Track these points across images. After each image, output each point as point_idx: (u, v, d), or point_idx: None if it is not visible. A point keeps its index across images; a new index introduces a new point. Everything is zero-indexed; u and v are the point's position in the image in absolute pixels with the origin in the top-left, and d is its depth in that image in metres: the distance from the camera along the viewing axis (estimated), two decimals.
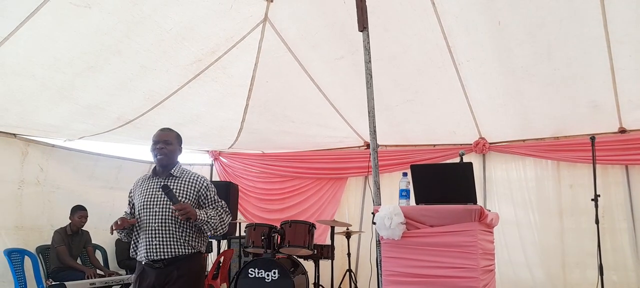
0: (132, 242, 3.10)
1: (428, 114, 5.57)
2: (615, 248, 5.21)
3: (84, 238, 5.73)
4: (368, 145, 6.43)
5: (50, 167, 5.92)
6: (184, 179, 3.08)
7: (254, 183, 7.34)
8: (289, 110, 5.85)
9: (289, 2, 4.24)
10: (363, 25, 3.37)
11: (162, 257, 2.94)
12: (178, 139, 3.19)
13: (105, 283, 5.41)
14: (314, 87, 5.27)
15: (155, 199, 2.99)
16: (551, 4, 3.75)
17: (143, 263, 3.01)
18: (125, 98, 4.97)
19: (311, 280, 5.58)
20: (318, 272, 5.57)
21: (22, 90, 4.48)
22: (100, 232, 6.29)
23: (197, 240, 3.05)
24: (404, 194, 3.21)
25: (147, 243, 2.95)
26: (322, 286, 5.57)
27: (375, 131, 3.37)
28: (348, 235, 5.76)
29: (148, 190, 3.05)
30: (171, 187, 2.98)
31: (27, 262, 5.35)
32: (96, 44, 4.06)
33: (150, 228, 2.96)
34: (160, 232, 2.95)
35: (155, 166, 3.14)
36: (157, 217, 2.96)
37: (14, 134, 5.56)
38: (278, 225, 5.52)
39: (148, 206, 3.00)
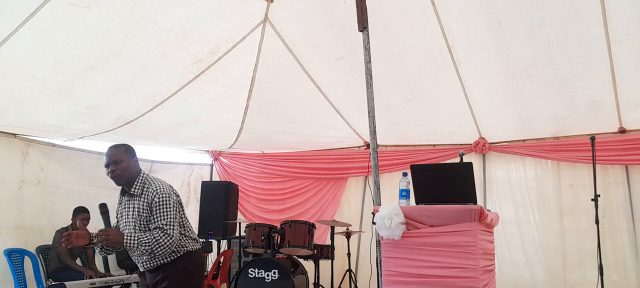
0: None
1: (428, 114, 5.57)
2: (615, 248, 5.21)
3: None
4: (368, 145, 6.44)
5: (51, 167, 5.92)
6: (143, 195, 3.00)
7: (254, 184, 7.34)
8: (289, 110, 5.85)
9: (289, 2, 4.24)
10: (363, 25, 3.38)
11: (149, 267, 3.05)
12: (128, 151, 3.07)
13: (105, 283, 5.41)
14: (314, 87, 5.27)
15: (128, 218, 3.05)
16: (551, 4, 3.75)
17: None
18: (125, 98, 4.97)
19: (311, 280, 5.58)
20: (318, 272, 5.57)
21: (22, 90, 4.48)
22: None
23: (177, 245, 3.02)
24: (404, 194, 3.21)
25: (138, 255, 3.05)
26: (322, 286, 5.57)
27: (375, 131, 3.37)
28: (348, 235, 5.76)
29: (122, 207, 3.12)
30: (129, 205, 3.03)
31: (27, 262, 5.35)
32: (96, 45, 4.06)
33: None
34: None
35: None
36: (132, 233, 2.97)
37: (14, 134, 5.56)
38: (278, 225, 5.52)
39: (125, 222, 3.07)
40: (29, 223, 5.65)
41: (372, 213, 3.13)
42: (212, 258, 6.82)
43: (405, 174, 3.26)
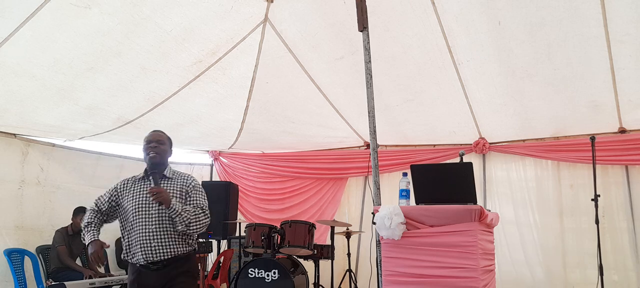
0: (124, 246, 3.09)
1: (428, 114, 5.58)
2: (615, 248, 5.22)
3: None
4: (368, 145, 6.44)
5: (51, 167, 5.92)
6: (175, 179, 3.13)
7: (254, 184, 7.34)
8: (289, 110, 5.85)
9: (289, 2, 4.24)
10: (363, 25, 3.38)
11: (162, 257, 2.97)
12: (169, 141, 3.24)
13: (105, 283, 5.42)
14: (314, 88, 5.27)
15: (151, 201, 3.00)
16: (551, 4, 3.75)
17: (139, 265, 3.00)
18: (125, 99, 4.97)
19: (311, 280, 5.58)
20: (318, 272, 5.57)
21: (22, 90, 4.48)
22: (101, 232, 6.27)
23: (192, 238, 3.11)
24: (404, 194, 3.21)
25: (145, 245, 2.96)
26: (322, 286, 5.57)
27: (375, 131, 3.37)
28: (348, 235, 5.76)
29: (141, 192, 3.06)
30: (161, 184, 3.04)
31: (27, 262, 5.35)
32: (96, 45, 4.06)
33: (146, 230, 2.97)
34: (158, 233, 2.97)
35: (147, 168, 3.15)
36: (153, 219, 2.98)
37: (14, 134, 5.56)
38: (278, 225, 5.52)
39: (143, 209, 3.00)
40: (29, 223, 5.66)
41: (372, 213, 3.13)
42: (212, 258, 6.82)
43: (405, 174, 3.26)
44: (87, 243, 3.00)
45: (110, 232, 6.45)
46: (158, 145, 3.11)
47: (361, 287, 6.14)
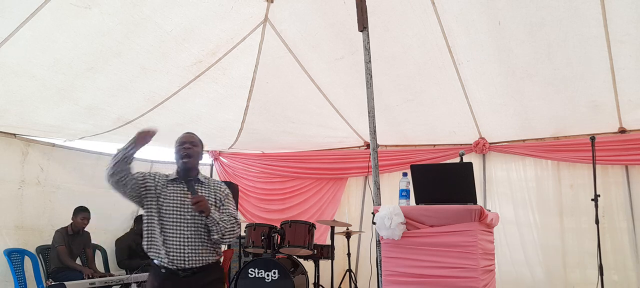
0: (147, 243, 2.95)
1: (428, 114, 5.58)
2: (615, 248, 5.21)
3: (84, 239, 5.74)
4: (368, 145, 6.44)
5: (51, 167, 5.92)
6: (209, 185, 3.08)
7: (254, 184, 7.34)
8: (289, 110, 5.85)
9: (289, 2, 4.24)
10: (363, 25, 3.38)
11: (193, 265, 2.87)
12: (201, 143, 3.17)
13: (105, 283, 5.42)
14: (314, 88, 5.27)
15: (187, 206, 2.91)
16: (551, 4, 3.75)
17: (165, 270, 2.87)
18: (125, 99, 4.97)
19: (311, 280, 5.58)
20: (318, 272, 5.57)
21: (22, 90, 4.48)
22: (101, 232, 6.30)
23: (219, 247, 3.09)
24: (404, 194, 3.21)
25: (177, 251, 2.85)
26: (322, 286, 5.57)
27: (375, 131, 3.37)
28: (348, 235, 5.76)
29: (176, 195, 2.96)
30: (196, 192, 2.94)
31: (27, 262, 5.35)
32: (96, 45, 4.06)
33: (180, 236, 2.88)
34: (193, 240, 2.89)
35: (179, 169, 3.05)
36: (188, 224, 2.90)
37: (14, 134, 5.56)
38: (278, 225, 5.52)
39: (178, 212, 2.91)
40: (29, 223, 5.66)
41: (372, 213, 3.13)
42: None
43: (405, 174, 3.26)
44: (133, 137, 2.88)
45: (110, 233, 6.48)
46: (191, 147, 3.01)
47: (361, 287, 6.14)
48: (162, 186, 2.99)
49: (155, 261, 2.93)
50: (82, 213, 5.62)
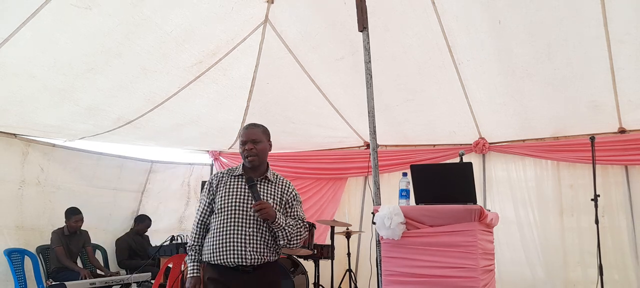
0: (196, 239, 2.83)
1: (428, 114, 5.58)
2: (615, 248, 5.21)
3: (82, 238, 5.74)
4: (368, 145, 6.44)
5: (51, 167, 5.92)
6: (276, 184, 2.87)
7: None
8: (289, 111, 5.85)
9: (289, 3, 4.24)
10: (363, 25, 3.38)
11: (254, 262, 2.72)
12: (266, 133, 2.90)
13: (105, 283, 5.42)
14: (314, 88, 5.27)
15: (250, 202, 2.76)
16: (551, 4, 3.75)
17: (224, 265, 2.71)
18: (125, 99, 4.97)
19: (311, 280, 5.58)
20: (318, 272, 5.57)
21: (22, 90, 4.48)
22: (101, 232, 6.31)
23: (279, 246, 2.87)
24: (404, 194, 3.21)
25: (238, 247, 2.69)
26: (322, 286, 5.57)
27: (375, 131, 3.37)
28: (348, 235, 5.76)
29: (238, 189, 2.79)
30: (262, 189, 2.79)
31: (28, 262, 5.36)
32: (97, 46, 4.07)
33: (242, 232, 2.71)
34: (255, 236, 2.72)
35: (245, 166, 2.87)
36: (251, 221, 2.73)
37: (14, 134, 5.56)
38: None
39: (242, 207, 2.75)
40: (29, 223, 5.66)
41: (372, 213, 3.13)
42: None
43: (405, 174, 3.26)
44: (186, 277, 2.76)
45: (110, 233, 6.49)
46: (254, 146, 2.79)
47: (361, 287, 6.14)
48: (220, 183, 2.84)
49: (217, 261, 2.75)
50: (74, 216, 5.59)
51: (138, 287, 5.75)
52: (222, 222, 2.74)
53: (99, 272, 5.75)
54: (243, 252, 2.69)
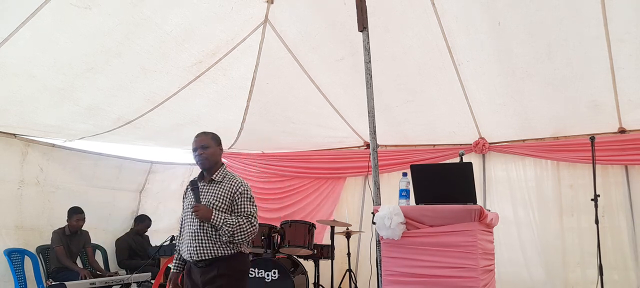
0: (178, 239, 3.27)
1: (428, 114, 5.58)
2: (615, 249, 5.21)
3: (83, 238, 5.74)
4: (368, 145, 6.44)
5: (50, 167, 5.92)
6: (224, 184, 3.12)
7: (254, 183, 7.31)
8: (289, 111, 5.85)
9: (289, 3, 4.24)
10: (363, 26, 3.38)
11: (203, 257, 3.02)
12: (214, 139, 3.22)
13: (105, 283, 5.42)
14: (314, 88, 5.27)
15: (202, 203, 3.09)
16: (551, 4, 3.75)
17: (190, 261, 3.11)
18: (125, 99, 4.97)
19: (311, 280, 5.58)
20: (318, 272, 5.57)
21: (22, 90, 4.48)
22: (101, 232, 6.31)
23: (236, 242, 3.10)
24: (404, 194, 3.21)
25: (189, 244, 3.05)
26: (322, 286, 5.57)
27: (375, 131, 3.37)
28: (348, 235, 5.76)
29: (191, 193, 3.15)
30: (208, 190, 3.08)
31: (27, 262, 5.35)
32: (96, 46, 4.07)
33: (191, 231, 3.05)
34: (200, 235, 3.02)
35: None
36: (196, 221, 3.03)
37: (14, 134, 5.56)
38: (278, 225, 5.52)
39: (190, 210, 3.08)
40: (28, 223, 5.66)
41: (372, 213, 3.13)
42: None
43: (405, 174, 3.26)
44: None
45: (110, 233, 6.49)
46: (203, 152, 3.12)
47: (361, 287, 6.14)
48: (187, 191, 3.22)
49: (183, 255, 3.16)
50: (76, 215, 5.60)
51: (138, 287, 5.75)
52: (182, 223, 3.17)
53: (98, 273, 5.74)
54: (194, 249, 3.02)
